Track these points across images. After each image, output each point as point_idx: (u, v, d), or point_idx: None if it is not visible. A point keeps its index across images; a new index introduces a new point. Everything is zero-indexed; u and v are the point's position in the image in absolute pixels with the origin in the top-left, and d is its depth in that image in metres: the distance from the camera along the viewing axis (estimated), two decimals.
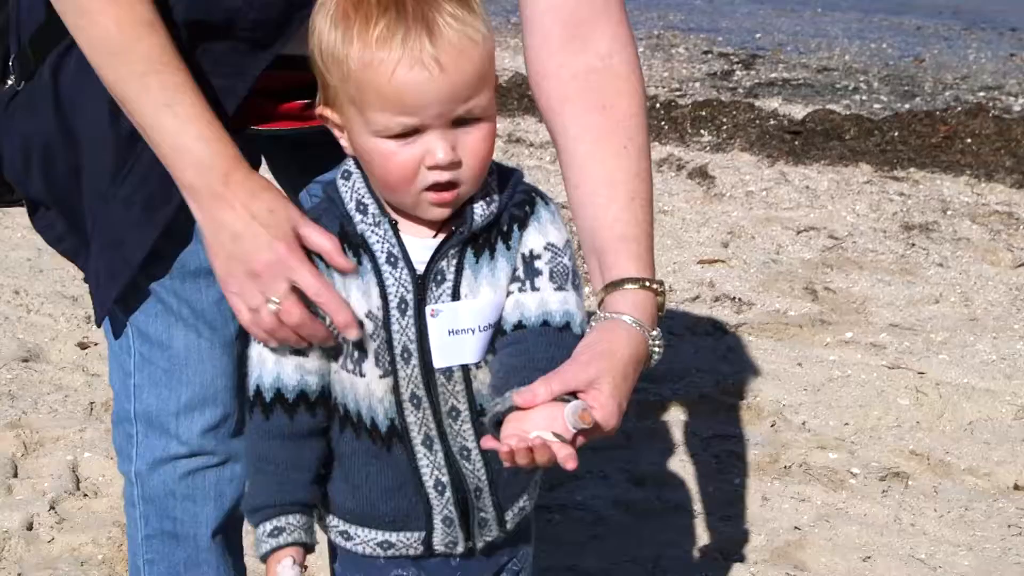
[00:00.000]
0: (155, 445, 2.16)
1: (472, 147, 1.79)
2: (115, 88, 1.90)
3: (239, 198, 1.86)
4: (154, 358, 2.12)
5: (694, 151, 6.62)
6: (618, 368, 1.78)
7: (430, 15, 1.73)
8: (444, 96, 1.74)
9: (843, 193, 5.99)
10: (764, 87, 8.26)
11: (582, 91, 1.98)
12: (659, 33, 9.98)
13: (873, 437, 3.91)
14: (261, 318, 1.85)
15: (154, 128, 1.88)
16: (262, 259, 1.83)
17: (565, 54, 1.99)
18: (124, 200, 2.00)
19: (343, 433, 1.93)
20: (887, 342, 4.50)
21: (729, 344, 4.51)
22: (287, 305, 1.83)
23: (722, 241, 5.46)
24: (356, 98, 1.77)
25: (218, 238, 1.87)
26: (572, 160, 1.97)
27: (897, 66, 9.05)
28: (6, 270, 4.87)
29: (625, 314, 1.84)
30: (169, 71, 1.87)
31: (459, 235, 1.84)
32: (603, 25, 2.00)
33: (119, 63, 1.88)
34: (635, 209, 1.94)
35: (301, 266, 1.83)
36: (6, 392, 4.00)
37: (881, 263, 5.24)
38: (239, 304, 1.87)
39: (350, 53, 1.75)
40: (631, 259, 1.89)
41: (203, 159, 1.86)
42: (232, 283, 1.87)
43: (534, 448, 1.70)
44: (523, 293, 1.87)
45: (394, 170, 1.78)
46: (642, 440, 3.86)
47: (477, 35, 1.76)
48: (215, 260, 1.88)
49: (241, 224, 1.85)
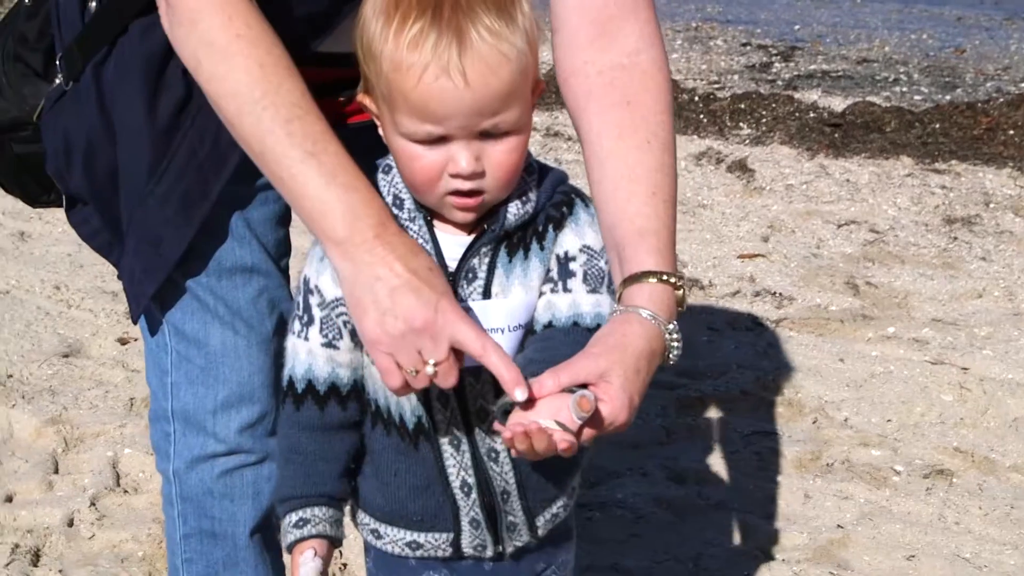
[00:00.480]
0: (192, 443, 2.16)
1: (497, 159, 1.77)
2: (253, 139, 1.81)
3: (397, 252, 1.76)
4: (191, 356, 2.12)
5: (733, 144, 6.58)
6: (629, 361, 1.75)
7: (464, 25, 1.72)
8: (468, 109, 1.73)
9: (884, 186, 5.94)
10: (803, 79, 8.20)
11: (607, 87, 1.96)
12: (697, 25, 9.93)
13: (916, 434, 3.88)
14: (417, 379, 1.76)
15: (297, 178, 1.79)
16: (425, 317, 1.74)
17: (592, 51, 1.97)
18: (161, 197, 1.99)
19: (374, 429, 1.92)
20: (930, 337, 4.46)
21: (770, 340, 4.48)
22: (445, 367, 1.75)
23: (762, 235, 5.42)
24: (387, 97, 1.76)
25: (373, 294, 1.76)
26: (595, 155, 1.96)
27: (938, 57, 8.98)
28: (47, 265, 4.89)
29: (641, 307, 1.81)
30: (312, 118, 1.80)
31: (491, 233, 1.83)
32: (631, 23, 1.98)
33: (263, 109, 1.79)
34: (656, 204, 1.90)
35: (464, 323, 1.74)
36: (47, 388, 4.01)
37: (923, 257, 5.20)
38: (389, 364, 1.77)
39: (383, 51, 1.74)
40: (650, 253, 1.86)
41: (355, 210, 1.77)
42: (385, 342, 1.76)
43: (531, 433, 1.68)
44: (555, 294, 1.86)
45: (418, 172, 1.78)
46: (682, 437, 3.84)
47: (512, 51, 1.74)
48: (364, 317, 1.77)
49: (402, 280, 1.75)
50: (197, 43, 1.81)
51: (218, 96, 1.82)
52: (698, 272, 5.02)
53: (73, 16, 2.04)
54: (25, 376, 4.08)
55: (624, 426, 1.75)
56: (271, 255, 2.13)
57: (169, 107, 1.96)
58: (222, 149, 1.97)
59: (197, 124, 1.97)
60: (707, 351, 4.37)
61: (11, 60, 2.15)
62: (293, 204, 1.82)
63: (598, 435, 1.74)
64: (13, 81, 2.14)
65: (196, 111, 1.97)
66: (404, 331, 1.74)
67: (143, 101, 1.96)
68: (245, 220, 2.08)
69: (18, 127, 2.15)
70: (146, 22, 1.96)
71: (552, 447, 1.69)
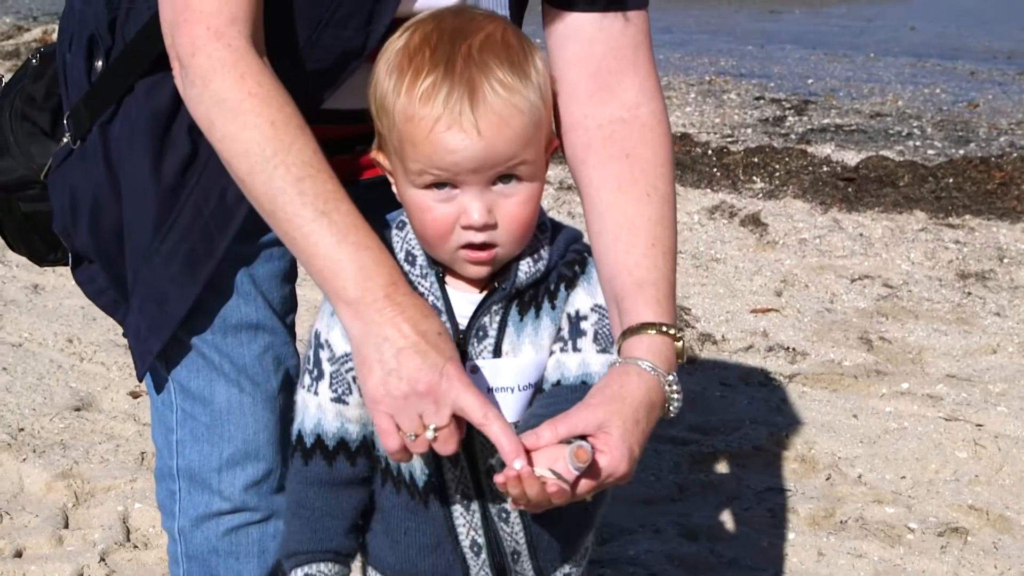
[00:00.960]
0: (198, 501, 2.15)
1: (509, 211, 1.78)
2: (265, 196, 1.80)
3: (407, 314, 1.75)
4: (196, 413, 2.12)
5: (746, 198, 6.59)
6: (628, 412, 1.74)
7: (477, 79, 1.73)
8: (479, 160, 1.74)
9: (898, 241, 5.94)
10: (817, 133, 8.22)
11: (606, 140, 1.97)
12: (711, 79, 9.96)
13: (931, 491, 3.85)
14: (415, 444, 1.75)
15: (309, 238, 1.78)
16: (430, 380, 1.72)
17: (591, 105, 1.98)
18: (166, 255, 2.00)
19: (384, 486, 1.92)
20: (944, 393, 4.44)
21: (783, 395, 4.46)
22: (445, 434, 1.73)
23: (775, 290, 5.42)
24: (398, 149, 1.77)
25: (379, 353, 1.75)
26: (594, 208, 1.96)
27: (951, 111, 9.00)
28: (60, 318, 4.90)
29: (640, 359, 1.80)
30: (323, 177, 1.79)
31: (502, 291, 1.82)
32: (630, 77, 1.99)
33: (274, 168, 1.78)
34: (655, 255, 1.90)
35: (468, 391, 1.73)
36: (58, 441, 4.01)
37: (937, 312, 5.19)
38: (389, 425, 1.75)
39: (396, 104, 1.75)
40: (648, 304, 1.86)
41: (366, 269, 1.76)
42: (387, 402, 1.75)
43: (523, 478, 1.67)
44: (565, 353, 1.85)
45: (430, 225, 1.78)
46: (695, 493, 3.82)
47: (524, 103, 1.75)
48: (368, 376, 1.76)
49: (409, 342, 1.74)
50: (210, 102, 1.81)
51: (230, 155, 1.82)
52: (711, 327, 5.01)
53: (79, 76, 2.05)
54: (36, 430, 4.08)
55: (625, 478, 1.74)
56: (276, 312, 2.12)
57: (175, 165, 1.97)
58: (228, 207, 1.97)
59: (202, 182, 1.97)
60: (720, 406, 4.35)
61: (19, 119, 2.16)
62: (304, 263, 1.82)
63: (597, 487, 1.73)
64: (21, 140, 2.15)
65: (202, 169, 1.97)
66: (407, 393, 1.73)
67: (149, 159, 1.97)
68: (250, 277, 2.08)
69: (25, 186, 2.16)
70: (151, 81, 1.97)
71: (545, 495, 1.68)
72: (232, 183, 1.96)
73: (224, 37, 1.80)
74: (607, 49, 1.98)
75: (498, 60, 1.75)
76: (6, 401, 4.26)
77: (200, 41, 1.81)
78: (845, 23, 12.70)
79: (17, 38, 10.33)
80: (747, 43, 11.62)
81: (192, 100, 1.84)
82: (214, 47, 1.80)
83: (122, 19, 1.98)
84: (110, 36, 2.00)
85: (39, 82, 2.18)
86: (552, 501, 1.69)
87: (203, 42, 1.81)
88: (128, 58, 1.99)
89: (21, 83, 2.20)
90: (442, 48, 1.75)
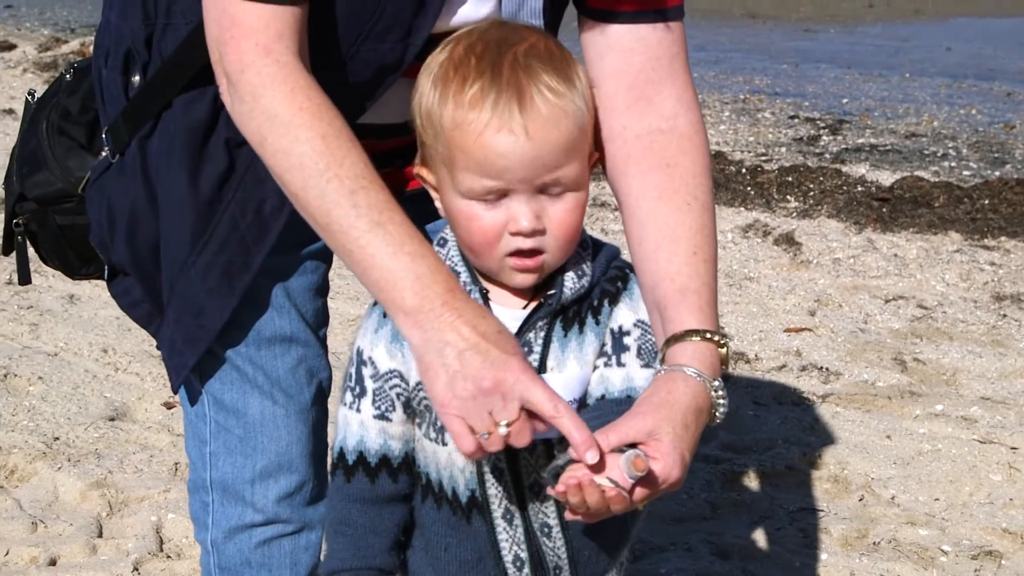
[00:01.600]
0: (231, 513, 2.16)
1: (557, 218, 1.79)
2: (319, 209, 1.81)
3: (465, 317, 1.76)
4: (230, 426, 2.13)
5: (780, 217, 6.58)
6: (677, 418, 1.75)
7: (524, 83, 1.75)
8: (529, 162, 1.75)
9: (932, 262, 5.91)
10: (851, 153, 8.20)
11: (646, 151, 1.98)
12: (745, 97, 9.96)
13: (964, 513, 3.83)
14: (490, 442, 1.74)
15: (366, 249, 1.79)
16: (495, 376, 1.72)
17: (630, 116, 1.99)
18: (203, 268, 2.01)
19: (424, 502, 1.92)
20: (978, 415, 4.42)
21: (816, 415, 4.45)
22: (518, 427, 1.73)
23: (809, 309, 5.40)
24: (446, 157, 1.78)
25: (442, 357, 1.75)
26: (634, 217, 1.97)
27: (987, 132, 8.96)
28: (94, 328, 4.93)
29: (685, 365, 1.81)
30: (375, 188, 1.80)
31: (548, 306, 1.83)
32: (668, 87, 2.01)
33: (327, 181, 1.79)
34: (696, 263, 1.92)
35: (535, 384, 1.73)
36: (92, 451, 4.03)
37: (972, 334, 5.16)
38: (461, 427, 1.75)
39: (444, 112, 1.77)
40: (691, 311, 1.87)
41: (423, 279, 1.77)
42: (455, 405, 1.75)
43: (583, 486, 1.67)
44: (609, 368, 1.86)
45: (477, 233, 1.79)
46: (727, 512, 3.81)
47: (571, 107, 1.77)
48: (435, 382, 1.76)
49: (470, 343, 1.74)
50: (261, 117, 1.82)
51: (283, 170, 1.83)
52: (744, 345, 5.00)
53: (116, 91, 2.07)
54: (71, 439, 4.10)
55: (677, 483, 1.75)
56: (310, 324, 2.14)
57: (212, 179, 1.98)
58: (264, 220, 1.99)
59: (239, 196, 1.99)
60: (753, 425, 4.34)
61: (56, 133, 2.18)
62: (360, 275, 1.83)
63: (652, 494, 1.73)
64: (59, 154, 2.17)
65: (238, 183, 1.99)
66: (474, 392, 1.73)
67: (186, 173, 1.98)
68: (285, 290, 2.09)
69: (63, 199, 2.18)
70: (188, 97, 1.99)
71: (604, 503, 1.69)
72: (268, 196, 1.97)
73: (272, 53, 1.82)
74: (645, 60, 1.99)
75: (544, 66, 1.77)
76: (42, 410, 4.29)
77: (249, 57, 1.82)
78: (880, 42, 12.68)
79: (55, 50, 10.39)
80: (782, 62, 11.61)
81: (242, 116, 1.85)
82: (263, 63, 1.82)
83: (158, 35, 2.00)
84: (147, 51, 2.02)
85: (74, 96, 2.19)
86: (611, 509, 1.69)
87: (252, 58, 1.82)
88: (167, 74, 2.00)
89: (56, 97, 2.22)
90: (488, 56, 1.77)
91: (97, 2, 7.83)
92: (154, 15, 2.01)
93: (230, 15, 1.83)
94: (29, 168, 2.19)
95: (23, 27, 12.58)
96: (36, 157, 2.18)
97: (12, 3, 14.16)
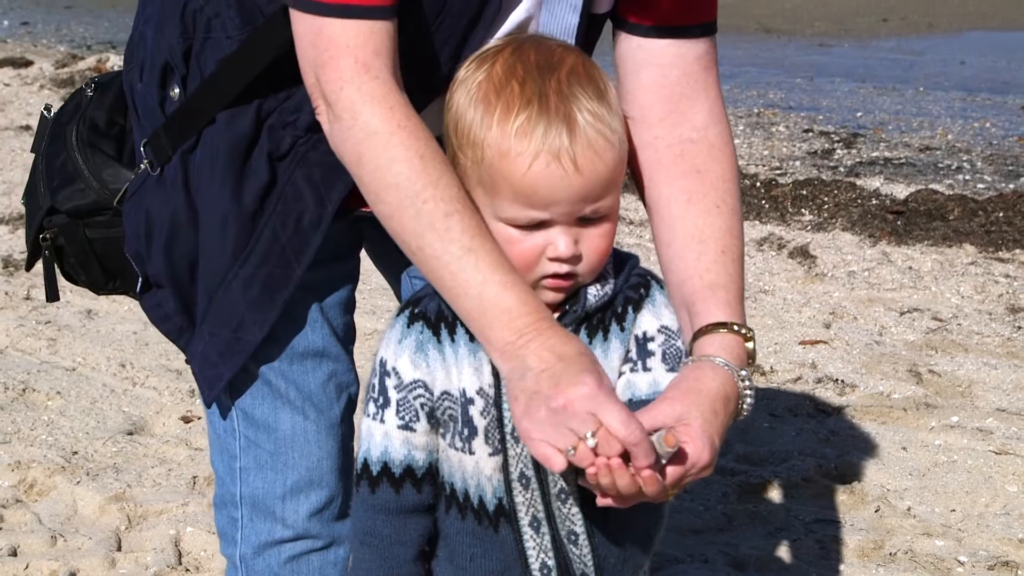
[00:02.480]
0: (260, 529, 2.16)
1: (593, 244, 1.81)
2: (414, 231, 1.80)
3: (549, 343, 1.75)
4: (260, 441, 2.13)
5: (795, 230, 6.58)
6: (705, 403, 1.78)
7: (571, 110, 1.75)
8: (576, 196, 1.76)
9: (947, 274, 5.91)
10: (865, 166, 8.20)
11: (677, 158, 2.01)
12: (759, 111, 9.97)
13: (981, 525, 3.83)
14: (577, 456, 1.71)
15: (457, 275, 1.78)
16: (569, 393, 1.72)
17: (662, 127, 2.02)
18: (245, 280, 2.01)
19: (448, 513, 1.93)
20: (994, 427, 4.42)
21: (832, 427, 4.45)
22: (603, 435, 1.70)
23: (824, 322, 5.41)
24: (487, 183, 1.79)
25: (523, 382, 1.75)
26: (664, 219, 2.00)
27: (1001, 145, 8.96)
28: (112, 343, 4.95)
29: (713, 355, 1.84)
30: (468, 212, 1.79)
31: (572, 314, 1.85)
32: (701, 101, 2.04)
33: (423, 202, 1.79)
34: (725, 261, 1.95)
35: (610, 403, 1.71)
36: (111, 465, 4.05)
37: (987, 346, 5.16)
38: (544, 449, 1.74)
39: (487, 138, 1.77)
40: (719, 305, 1.90)
41: (512, 310, 1.77)
42: (534, 428, 1.74)
43: (613, 468, 1.69)
44: (635, 373, 1.88)
45: (515, 257, 1.80)
46: (743, 523, 3.81)
47: (613, 136, 1.78)
48: (515, 406, 1.77)
49: (546, 364, 1.74)
50: (360, 135, 1.81)
51: (380, 187, 1.82)
52: (759, 358, 5.00)
53: (152, 105, 2.07)
54: (90, 453, 4.12)
55: (708, 468, 1.76)
56: (340, 339, 2.14)
57: (254, 192, 1.99)
58: (304, 233, 2.00)
59: (280, 208, 2.00)
60: (768, 437, 4.34)
61: (87, 146, 2.19)
62: (450, 300, 1.82)
63: (683, 477, 1.74)
64: (92, 167, 2.18)
65: (279, 196, 2.00)
66: (550, 409, 1.72)
67: (230, 186, 1.99)
68: (318, 304, 2.10)
69: (97, 211, 2.19)
70: (231, 113, 1.99)
71: (635, 484, 1.70)
72: (307, 209, 1.98)
73: (372, 69, 1.81)
74: (682, 75, 2.02)
75: (586, 92, 1.78)
76: (60, 425, 4.31)
77: (348, 74, 1.81)
78: (894, 56, 12.68)
79: (71, 66, 10.44)
80: (796, 76, 11.61)
81: (339, 135, 1.84)
82: (363, 79, 1.81)
83: (197, 48, 2.01)
84: (184, 65, 2.03)
85: (101, 110, 2.20)
86: (644, 491, 1.70)
87: (351, 75, 1.81)
88: (211, 90, 2.00)
89: (80, 111, 2.22)
90: (531, 82, 1.77)
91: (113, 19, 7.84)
92: (192, 29, 2.01)
93: (327, 36, 1.82)
94: (60, 181, 2.19)
95: (40, 44, 12.65)
96: (67, 170, 2.19)
97: (29, 20, 14.23)
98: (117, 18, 14.06)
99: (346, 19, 1.81)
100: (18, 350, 4.93)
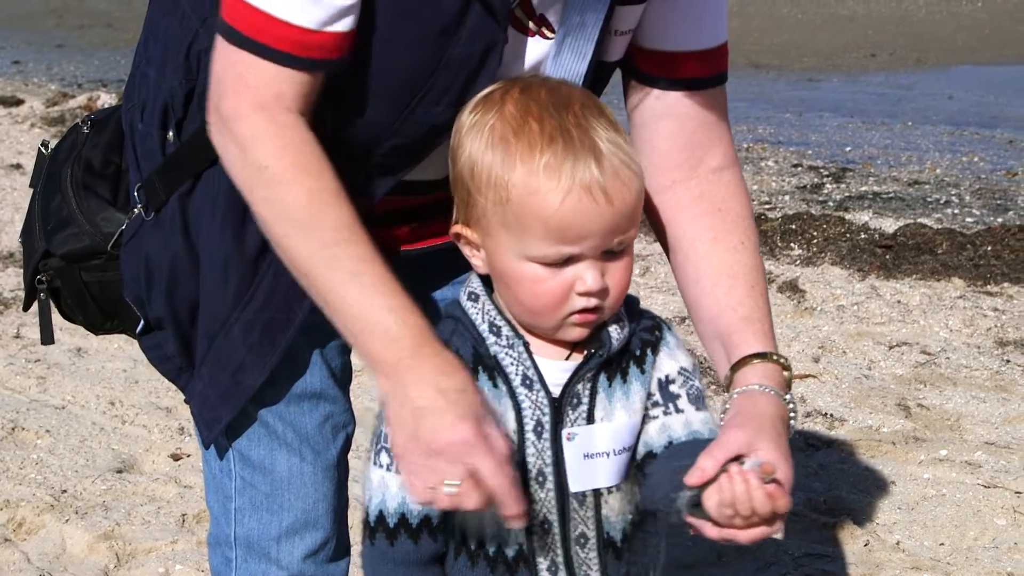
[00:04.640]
0: (255, 570, 2.15)
1: (617, 277, 1.83)
2: (299, 260, 1.85)
3: (428, 374, 1.78)
4: (256, 482, 2.12)
5: (784, 265, 6.60)
6: (768, 427, 1.83)
7: (595, 142, 1.77)
8: (607, 228, 1.78)
9: (936, 308, 5.93)
10: (854, 200, 8.23)
11: (697, 199, 2.06)
12: (748, 146, 10.00)
13: (969, 558, 3.83)
14: (437, 497, 1.77)
15: (341, 300, 1.82)
16: (444, 439, 1.75)
17: (680, 172, 2.07)
18: (246, 324, 2.01)
19: (457, 560, 1.92)
20: (983, 460, 4.43)
21: (821, 460, 4.46)
22: (465, 488, 1.75)
23: (813, 356, 5.42)
24: (514, 223, 1.79)
25: (401, 413, 1.79)
26: (689, 257, 2.05)
27: (989, 180, 8.99)
28: (102, 381, 4.95)
29: (759, 383, 1.90)
30: (355, 241, 1.83)
31: (598, 357, 1.86)
32: (716, 145, 2.09)
33: (307, 234, 1.82)
34: (755, 296, 2.01)
35: (483, 453, 1.74)
36: (100, 503, 4.04)
37: (975, 379, 5.17)
38: (415, 482, 1.79)
39: (512, 179, 1.77)
40: (757, 336, 1.97)
41: (391, 331, 1.80)
42: (408, 463, 1.79)
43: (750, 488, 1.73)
44: (668, 416, 1.90)
45: (543, 295, 1.81)
46: (733, 559, 3.81)
47: (636, 165, 1.81)
48: (396, 434, 1.81)
49: (426, 401, 1.77)
50: (251, 168, 1.85)
51: (268, 218, 1.86)
52: None
53: (153, 147, 2.07)
54: (79, 491, 4.12)
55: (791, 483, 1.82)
56: (337, 380, 2.14)
57: (256, 235, 1.98)
58: None
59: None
60: None
61: (82, 188, 2.18)
62: (338, 326, 1.85)
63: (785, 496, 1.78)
64: (86, 211, 2.17)
65: None
66: (426, 452, 1.75)
67: (231, 229, 1.99)
68: (316, 347, 2.10)
69: (92, 256, 2.18)
70: None
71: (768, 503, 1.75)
72: None
73: (267, 109, 1.83)
74: (698, 124, 2.06)
75: (602, 123, 1.80)
76: (49, 463, 4.31)
77: (244, 109, 1.84)
78: (883, 91, 12.72)
79: (62, 104, 10.45)
80: (785, 111, 11.65)
81: (230, 160, 1.88)
82: (256, 117, 1.83)
83: (200, 90, 2.00)
84: (183, 109, 2.02)
85: (96, 149, 2.20)
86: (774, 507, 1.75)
87: (247, 111, 1.84)
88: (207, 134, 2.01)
89: (76, 150, 2.22)
90: (549, 118, 1.78)
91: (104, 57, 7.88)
92: (196, 71, 2.02)
93: (237, 71, 1.85)
94: (55, 224, 2.18)
95: (31, 82, 12.66)
96: (62, 213, 2.18)
97: (20, 59, 14.25)
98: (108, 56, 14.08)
99: (259, 58, 1.83)
100: (7, 388, 4.93)
